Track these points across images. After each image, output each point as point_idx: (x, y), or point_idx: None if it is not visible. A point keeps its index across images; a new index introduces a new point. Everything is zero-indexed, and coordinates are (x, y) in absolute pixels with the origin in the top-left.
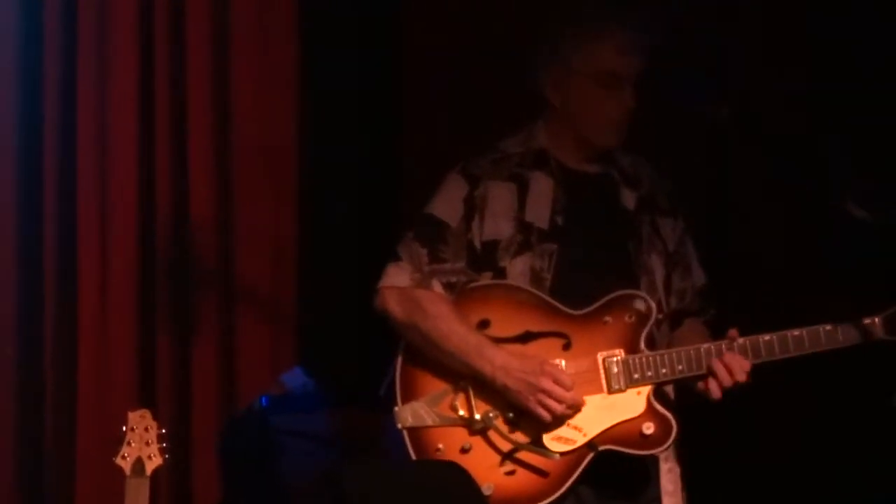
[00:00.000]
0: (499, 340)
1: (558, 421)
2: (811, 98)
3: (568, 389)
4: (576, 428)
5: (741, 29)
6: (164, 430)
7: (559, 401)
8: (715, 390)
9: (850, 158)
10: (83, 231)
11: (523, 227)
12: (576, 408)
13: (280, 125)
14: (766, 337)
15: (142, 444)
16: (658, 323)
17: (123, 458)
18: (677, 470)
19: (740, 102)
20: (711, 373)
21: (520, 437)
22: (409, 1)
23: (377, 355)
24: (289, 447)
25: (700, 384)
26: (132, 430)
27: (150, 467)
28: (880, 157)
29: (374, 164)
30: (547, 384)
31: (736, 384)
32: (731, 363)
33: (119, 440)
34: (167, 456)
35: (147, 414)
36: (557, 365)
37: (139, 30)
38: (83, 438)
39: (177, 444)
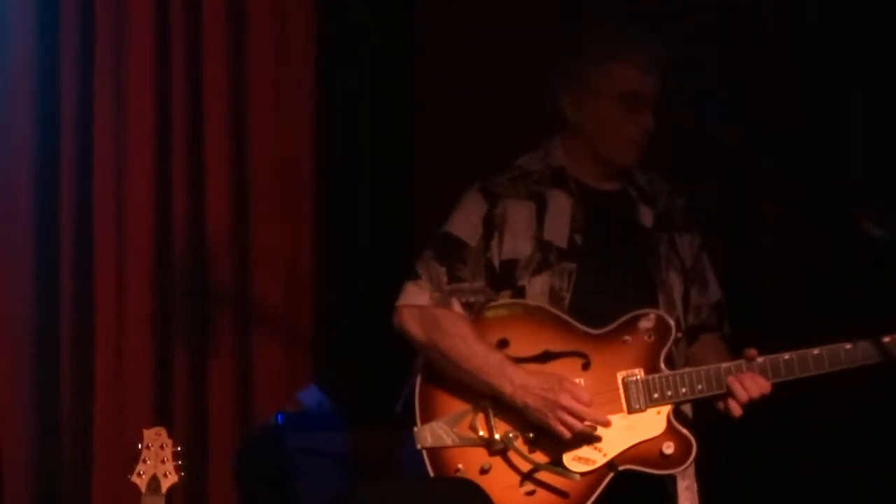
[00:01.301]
0: (518, 360)
1: (578, 441)
2: (826, 118)
3: (587, 406)
4: (596, 448)
5: (756, 49)
6: (179, 448)
7: (579, 417)
8: (735, 409)
9: (866, 177)
10: (100, 250)
11: (542, 246)
12: (595, 424)
13: (297, 144)
14: (787, 356)
15: (157, 462)
16: (677, 341)
17: (139, 475)
18: (694, 487)
19: (754, 122)
20: (730, 392)
21: (540, 457)
22: (423, 18)
23: (393, 374)
24: (304, 466)
25: (720, 403)
26: (148, 447)
27: (165, 485)
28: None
29: (390, 183)
30: (566, 401)
31: (755, 401)
32: (746, 381)
33: (135, 458)
34: (183, 474)
35: (163, 432)
36: (576, 382)
37: (156, 46)
38: (99, 456)
39: (192, 461)
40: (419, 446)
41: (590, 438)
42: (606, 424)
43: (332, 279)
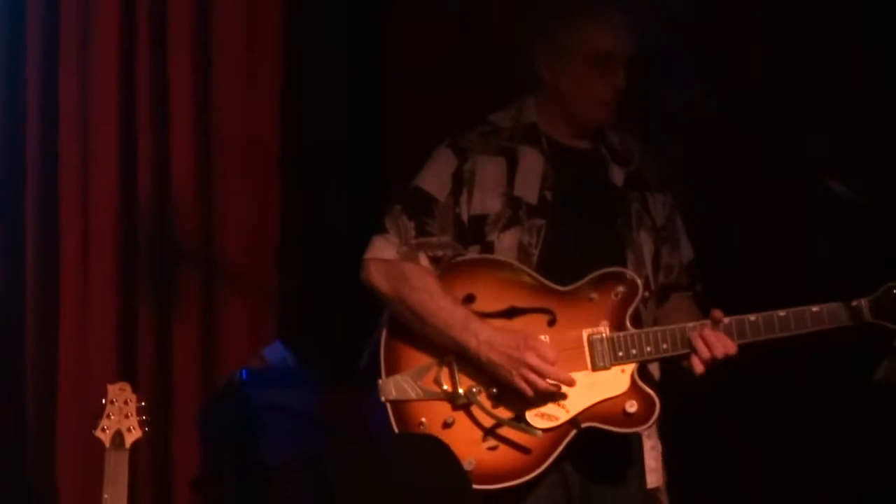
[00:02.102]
0: (484, 315)
1: (541, 397)
2: (794, 81)
3: (552, 364)
4: (559, 405)
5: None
6: (143, 403)
7: (543, 375)
8: (697, 366)
9: (832, 138)
10: (65, 212)
11: (512, 202)
12: (559, 383)
13: (262, 104)
14: (752, 317)
15: (121, 417)
16: (645, 300)
17: (103, 430)
18: (659, 447)
19: (724, 86)
20: (693, 350)
21: (503, 412)
22: None
23: (359, 331)
24: (268, 422)
25: (685, 362)
26: (112, 402)
27: (129, 440)
28: (863, 137)
29: (358, 138)
30: (531, 359)
31: (718, 360)
32: (710, 339)
33: (99, 413)
34: (147, 429)
35: (127, 387)
36: (541, 340)
37: (122, 14)
38: (64, 411)
39: (157, 417)
40: (383, 399)
41: (553, 395)
42: (571, 383)
43: (299, 235)
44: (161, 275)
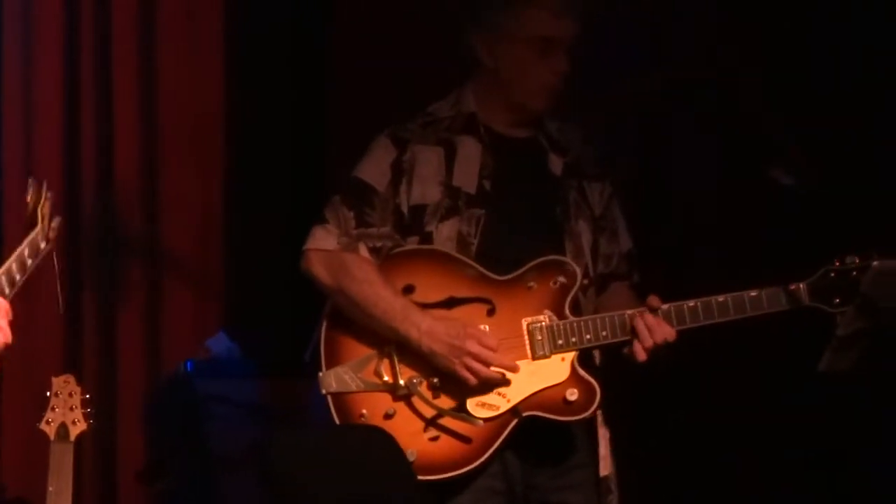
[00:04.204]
0: (423, 306)
1: (482, 387)
2: (741, 69)
3: (493, 351)
4: (499, 394)
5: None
6: (88, 396)
7: (485, 363)
8: (640, 353)
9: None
10: (9, 198)
11: (451, 191)
12: (502, 369)
13: (207, 93)
14: (691, 303)
15: (66, 410)
16: (584, 288)
17: (48, 423)
18: (608, 435)
19: (671, 73)
20: (635, 335)
21: (443, 403)
22: None
23: (303, 322)
24: (214, 413)
25: (625, 349)
26: (56, 395)
27: (74, 432)
28: (807, 126)
29: (302, 130)
30: (472, 346)
31: (658, 346)
32: (649, 324)
33: (44, 406)
34: (91, 421)
35: (71, 379)
36: (482, 328)
37: (65, 1)
38: (8, 404)
39: (101, 409)
40: (324, 391)
41: (494, 384)
42: (514, 369)
43: (243, 226)
44: (105, 266)
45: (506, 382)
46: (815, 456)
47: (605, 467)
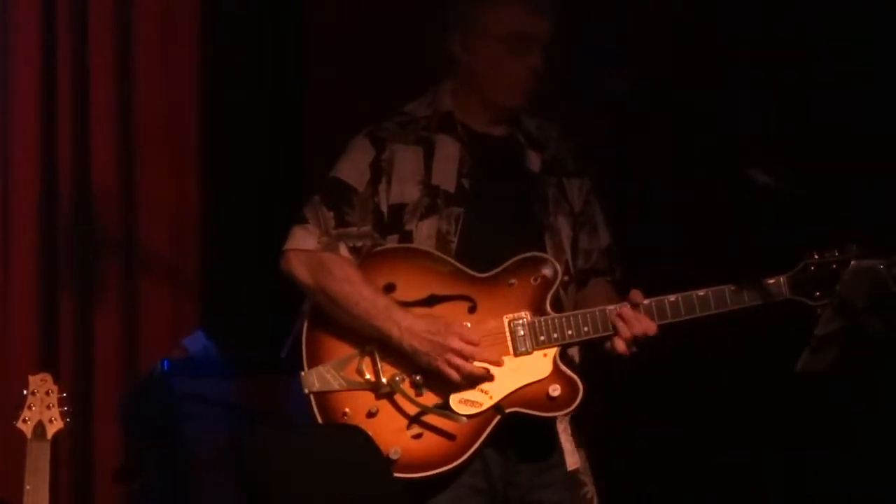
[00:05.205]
0: (404, 304)
1: (465, 383)
2: (715, 69)
3: (475, 346)
4: (482, 391)
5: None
6: (65, 394)
7: (468, 358)
8: (619, 347)
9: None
10: None
11: (430, 190)
12: (485, 363)
13: (183, 91)
14: (672, 298)
15: (43, 408)
16: (564, 284)
17: (24, 421)
18: (569, 429)
19: (643, 73)
20: (614, 329)
21: (426, 400)
22: None
23: (280, 320)
24: (190, 412)
25: (607, 344)
26: (33, 393)
27: (51, 431)
28: (783, 125)
29: (279, 128)
30: (455, 343)
31: (639, 341)
32: (629, 319)
33: (20, 404)
34: (68, 420)
35: (48, 378)
36: (464, 325)
37: (42, 4)
38: None
39: (78, 407)
40: (306, 391)
41: (477, 381)
42: (497, 363)
43: (220, 225)
44: (81, 265)
45: (489, 378)
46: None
47: (575, 461)
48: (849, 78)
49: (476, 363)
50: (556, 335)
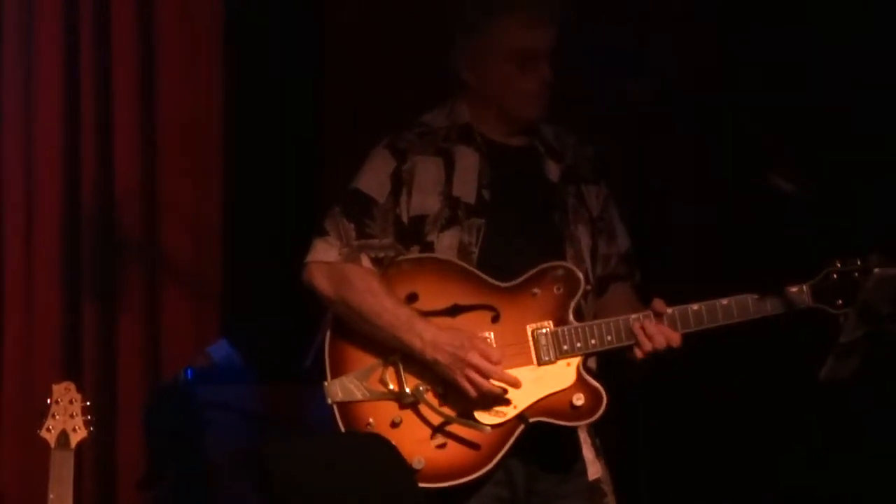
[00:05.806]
0: (427, 314)
1: (488, 394)
2: (735, 75)
3: (496, 363)
4: (506, 400)
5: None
6: (88, 403)
7: (486, 375)
8: (641, 357)
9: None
10: (8, 205)
11: (450, 201)
12: (503, 383)
13: (206, 99)
14: (695, 307)
15: (66, 417)
16: (586, 294)
17: (48, 430)
18: (589, 440)
19: (664, 79)
20: (635, 340)
21: (450, 410)
22: None
23: (302, 329)
24: (214, 421)
25: (630, 353)
26: (57, 402)
27: (74, 440)
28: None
29: (298, 138)
30: (475, 359)
31: (661, 351)
32: (651, 330)
33: (44, 413)
34: (92, 428)
35: (72, 386)
36: (486, 339)
37: (65, 8)
38: (8, 411)
39: (101, 416)
40: (329, 401)
41: (494, 397)
42: (515, 385)
43: (242, 233)
44: (104, 274)
45: (505, 397)
46: (805, 457)
47: (594, 472)
48: (875, 84)
49: (494, 381)
50: (579, 344)
